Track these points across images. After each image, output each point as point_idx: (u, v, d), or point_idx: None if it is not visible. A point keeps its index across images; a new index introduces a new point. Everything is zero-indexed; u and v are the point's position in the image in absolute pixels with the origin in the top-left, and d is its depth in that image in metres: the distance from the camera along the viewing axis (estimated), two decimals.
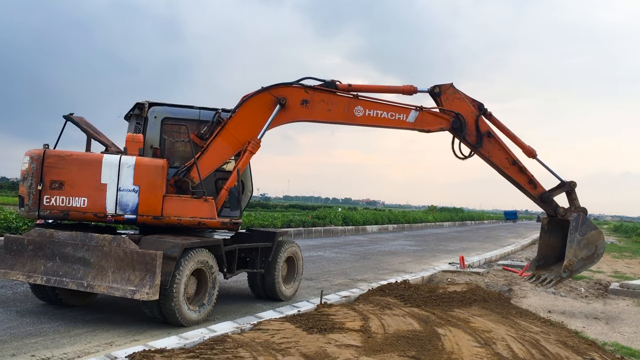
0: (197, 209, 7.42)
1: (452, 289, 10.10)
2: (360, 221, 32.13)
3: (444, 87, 9.18)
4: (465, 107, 9.21)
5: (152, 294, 6.39)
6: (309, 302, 8.40)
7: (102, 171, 7.06)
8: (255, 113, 8.14)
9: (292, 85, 8.40)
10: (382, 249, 20.04)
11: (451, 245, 24.33)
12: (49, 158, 7.01)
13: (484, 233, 38.64)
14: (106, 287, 6.59)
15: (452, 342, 6.41)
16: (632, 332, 8.09)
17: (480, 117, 9.24)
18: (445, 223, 50.53)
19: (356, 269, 13.62)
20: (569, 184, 9.53)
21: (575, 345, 6.84)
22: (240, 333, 6.24)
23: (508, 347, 6.36)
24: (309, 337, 6.19)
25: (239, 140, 8.03)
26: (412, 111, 8.95)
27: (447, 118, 9.10)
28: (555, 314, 9.04)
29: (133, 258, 6.58)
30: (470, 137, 9.19)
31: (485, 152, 9.28)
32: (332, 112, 8.60)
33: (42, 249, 7.03)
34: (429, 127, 9.09)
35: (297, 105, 8.37)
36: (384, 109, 8.88)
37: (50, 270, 6.89)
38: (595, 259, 9.41)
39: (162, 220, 7.27)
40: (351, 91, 8.77)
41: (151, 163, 7.26)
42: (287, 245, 9.33)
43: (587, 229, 9.22)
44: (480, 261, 16.52)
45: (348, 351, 5.73)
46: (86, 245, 6.83)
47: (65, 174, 7.01)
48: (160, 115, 8.01)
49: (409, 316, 7.64)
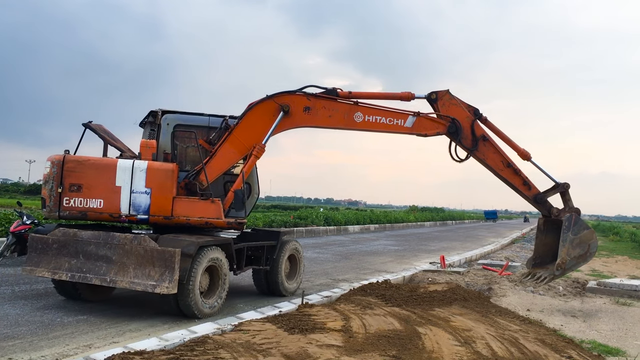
0: (205, 209, 7.85)
1: (432, 289, 10.16)
2: (342, 221, 32.19)
3: (441, 93, 9.53)
4: (461, 112, 9.55)
5: (171, 288, 6.96)
6: (291, 302, 8.39)
7: (117, 175, 7.59)
8: (260, 120, 8.56)
9: (295, 93, 8.83)
10: (363, 249, 20.10)
11: (432, 244, 24.47)
12: (68, 163, 7.57)
13: (464, 233, 38.93)
14: (128, 282, 7.15)
15: (433, 341, 6.45)
16: (609, 330, 8.21)
17: (476, 121, 9.58)
18: (427, 223, 50.83)
19: (338, 269, 13.65)
20: (562, 185, 9.86)
21: (554, 343, 6.92)
22: (221, 334, 6.21)
23: (487, 346, 6.42)
24: (290, 337, 6.18)
25: (245, 145, 8.46)
26: (409, 116, 9.29)
27: (443, 123, 9.45)
28: (534, 312, 9.14)
29: (153, 255, 7.13)
30: (466, 140, 9.51)
31: (481, 155, 9.61)
32: (333, 118, 8.97)
33: (66, 248, 7.53)
34: (426, 131, 9.42)
35: (300, 112, 8.78)
36: (382, 115, 9.24)
37: (75, 267, 7.41)
38: (588, 258, 9.77)
39: (172, 220, 7.73)
40: (351, 98, 9.13)
41: (162, 167, 7.74)
42: (290, 243, 9.88)
43: (580, 228, 9.56)
44: (460, 260, 16.66)
45: (329, 351, 5.74)
46: (108, 243, 7.37)
47: (83, 178, 7.58)
48: (173, 123, 8.57)
49: (390, 316, 7.67)
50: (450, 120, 9.45)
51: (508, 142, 9.95)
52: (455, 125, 9.43)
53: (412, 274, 12.58)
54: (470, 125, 9.54)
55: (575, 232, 9.53)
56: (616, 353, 6.84)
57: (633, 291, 11.06)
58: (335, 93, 9.07)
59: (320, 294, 9.35)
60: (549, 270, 9.83)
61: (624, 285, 11.28)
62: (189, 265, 7.21)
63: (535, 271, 10.21)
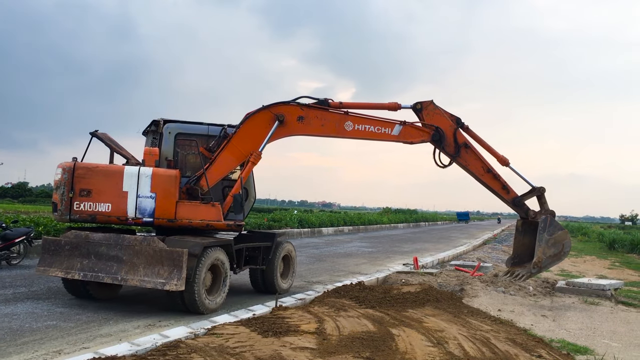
0: (206, 212, 8.34)
1: (406, 290, 10.24)
2: (316, 223, 32.19)
3: (425, 103, 10.28)
4: (444, 121, 10.30)
5: (180, 285, 7.47)
6: (264, 305, 8.36)
7: (124, 180, 8.06)
8: (257, 128, 9.08)
9: (290, 103, 9.40)
10: (337, 251, 20.13)
11: (405, 246, 24.63)
12: (78, 169, 8.06)
13: (437, 234, 39.27)
14: (138, 280, 7.65)
15: (406, 342, 6.50)
16: (578, 329, 8.37)
17: (458, 129, 10.34)
18: (400, 224, 51.12)
19: (312, 271, 13.65)
20: (538, 189, 10.64)
21: (524, 342, 7.03)
22: (194, 338, 6.17)
23: (460, 346, 6.49)
24: (264, 340, 6.17)
25: (243, 152, 8.97)
26: (396, 125, 9.97)
27: (427, 131, 10.19)
28: (505, 312, 9.27)
29: (162, 255, 7.64)
30: (449, 148, 10.27)
31: (463, 161, 10.37)
32: (326, 127, 9.58)
33: (78, 249, 8.01)
34: (412, 139, 10.13)
35: (294, 121, 9.35)
36: (371, 124, 9.87)
37: (87, 267, 7.89)
38: (562, 256, 10.61)
39: (175, 222, 8.18)
40: (342, 108, 9.74)
41: (166, 173, 8.22)
42: (284, 244, 10.48)
43: (555, 229, 10.36)
44: (433, 262, 16.81)
45: (303, 354, 5.74)
46: (119, 244, 7.87)
47: (92, 183, 8.05)
48: (174, 131, 9.10)
49: (363, 317, 7.70)
50: (434, 129, 10.17)
51: (488, 149, 10.69)
52: (439, 133, 10.17)
53: (385, 275, 12.65)
54: (453, 133, 10.26)
55: (550, 232, 10.24)
56: (585, 352, 6.97)
57: (601, 290, 11.28)
58: (327, 103, 9.64)
59: (294, 296, 9.34)
60: (526, 269, 10.60)
61: (592, 285, 11.50)
62: (194, 264, 7.74)
63: (514, 269, 11.02)
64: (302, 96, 9.59)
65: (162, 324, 7.34)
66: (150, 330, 6.92)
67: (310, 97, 9.65)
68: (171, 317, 7.74)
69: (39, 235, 14.13)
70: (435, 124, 10.21)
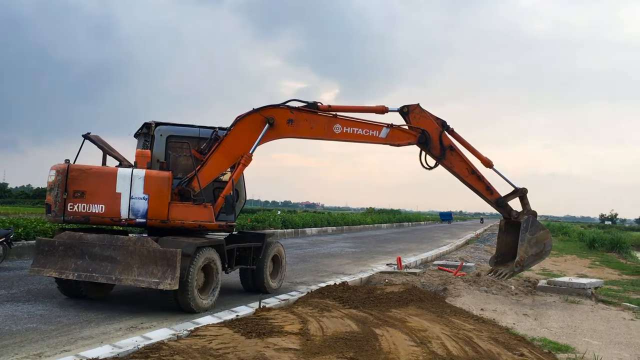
0: (198, 213, 8.48)
1: (389, 290, 10.27)
2: (300, 224, 32.16)
3: (412, 107, 10.49)
4: (430, 124, 10.54)
5: (173, 285, 7.60)
6: (248, 306, 8.34)
7: (117, 182, 8.18)
8: (247, 131, 9.25)
9: (280, 106, 9.56)
10: (321, 252, 20.14)
11: (389, 246, 24.71)
12: (72, 171, 8.18)
13: (420, 234, 39.45)
14: (133, 279, 7.76)
15: (389, 342, 6.51)
16: (559, 328, 8.46)
17: (443, 132, 10.59)
18: (383, 225, 51.26)
19: (295, 271, 13.63)
20: (521, 190, 10.95)
21: (506, 341, 7.08)
22: (177, 340, 6.12)
23: (443, 345, 6.52)
24: (247, 341, 6.15)
25: (234, 154, 9.14)
26: (383, 128, 10.17)
27: (414, 134, 10.43)
28: (488, 311, 9.34)
29: (156, 255, 7.76)
30: (435, 150, 10.52)
31: (448, 163, 10.64)
32: (315, 129, 9.77)
33: (72, 249, 8.08)
34: (399, 141, 10.35)
35: (284, 124, 9.51)
36: (359, 126, 10.08)
37: (81, 267, 7.97)
38: (544, 255, 10.97)
39: (168, 223, 8.32)
40: (330, 111, 9.93)
41: (158, 175, 8.34)
42: (274, 245, 10.63)
43: (537, 229, 10.67)
44: (416, 262, 16.88)
45: (287, 355, 5.73)
46: (113, 245, 7.98)
47: (86, 185, 8.18)
48: (165, 134, 9.25)
49: (347, 318, 7.71)
50: (420, 132, 10.39)
51: (472, 151, 10.98)
52: (425, 136, 10.40)
53: (369, 275, 12.67)
54: (439, 136, 10.51)
55: (532, 232, 10.55)
56: (566, 350, 7.05)
57: (581, 289, 11.41)
58: (316, 106, 9.81)
59: (277, 297, 9.33)
60: (509, 267, 10.98)
61: (572, 283, 11.62)
62: (188, 264, 7.87)
63: (497, 268, 11.37)
64: (291, 99, 9.76)
65: (144, 325, 7.28)
66: (133, 332, 6.86)
67: (300, 100, 9.82)
68: (154, 319, 7.68)
69: (19, 237, 13.95)
70: (422, 127, 10.43)
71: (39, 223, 15.00)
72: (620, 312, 10.02)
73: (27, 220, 15.36)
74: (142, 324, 7.36)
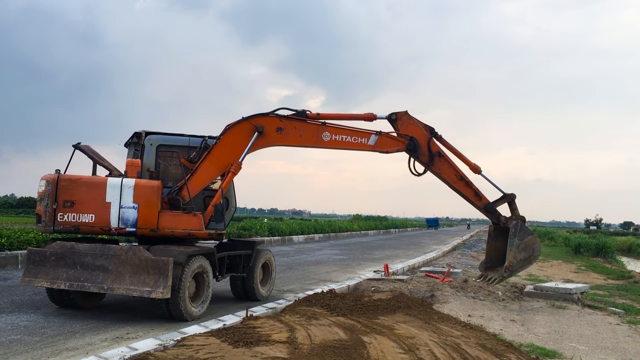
0: (188, 222, 8.52)
1: (377, 297, 10.25)
2: (287, 231, 32.08)
3: (400, 114, 10.51)
4: (419, 131, 10.56)
5: (165, 293, 7.64)
6: (235, 315, 8.28)
7: (107, 191, 8.26)
8: (236, 139, 9.31)
9: (269, 115, 9.63)
10: (308, 259, 20.09)
11: (376, 253, 24.71)
12: (62, 181, 8.23)
13: (407, 240, 39.52)
14: (125, 289, 7.79)
15: (377, 349, 6.50)
16: (546, 333, 8.50)
17: (432, 139, 10.62)
18: (370, 231, 51.31)
19: (283, 279, 13.57)
20: (509, 195, 11.01)
21: (494, 347, 7.10)
22: (163, 350, 6.06)
23: (431, 352, 6.51)
24: (235, 351, 6.10)
25: (223, 163, 9.19)
26: (372, 135, 10.17)
27: (402, 141, 10.45)
28: (475, 317, 9.36)
29: (147, 264, 7.80)
30: (423, 157, 10.55)
31: (437, 169, 10.65)
32: (304, 137, 9.80)
33: (63, 259, 8.10)
34: (388, 148, 10.37)
35: (273, 132, 9.56)
36: (347, 134, 10.11)
37: (72, 277, 7.99)
38: (532, 260, 10.99)
39: (158, 232, 8.40)
40: (319, 119, 9.99)
41: (148, 184, 8.42)
42: (263, 253, 10.70)
43: (525, 234, 10.72)
44: (403, 268, 16.89)
45: None
46: (104, 254, 8.01)
47: (75, 195, 8.23)
48: (155, 143, 9.31)
49: (335, 325, 7.68)
50: (409, 139, 10.43)
51: (460, 157, 11.03)
52: (413, 142, 10.44)
53: (356, 282, 12.65)
54: (427, 142, 10.55)
55: (520, 237, 10.61)
56: (553, 355, 7.08)
57: (568, 294, 11.48)
58: (305, 114, 9.90)
59: (265, 305, 9.28)
60: (498, 272, 11.00)
61: (559, 289, 11.69)
62: (179, 272, 7.92)
63: (486, 273, 11.46)
64: (280, 107, 9.83)
65: (130, 336, 7.20)
66: (118, 342, 6.77)
67: (288, 109, 9.89)
68: (140, 329, 7.60)
69: (2, 247, 13.76)
70: (410, 134, 10.48)
71: (22, 233, 14.80)
72: (607, 317, 10.09)
73: (11, 230, 15.15)
74: (128, 334, 7.27)
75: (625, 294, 13.55)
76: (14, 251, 13.92)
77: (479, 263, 12.50)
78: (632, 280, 17.73)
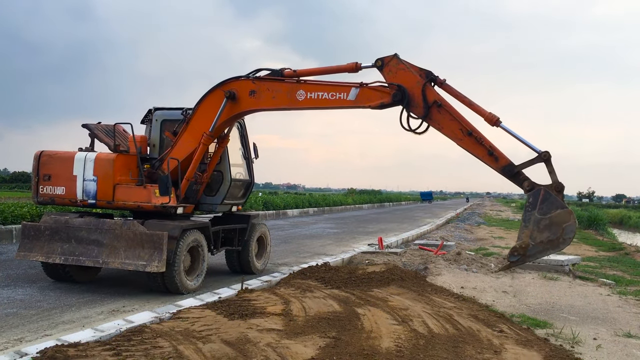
0: (137, 194, 8.46)
1: (371, 270, 10.34)
2: (281, 205, 32.18)
3: (387, 59, 8.54)
4: (411, 77, 8.42)
5: (160, 267, 7.79)
6: (230, 288, 8.34)
7: (74, 165, 8.58)
8: (211, 108, 8.91)
9: (241, 78, 8.93)
10: (303, 233, 20.20)
11: (370, 226, 24.85)
12: (43, 157, 8.75)
13: (401, 214, 39.73)
14: (120, 262, 7.94)
15: (371, 321, 6.58)
16: (537, 304, 8.61)
17: (427, 85, 8.39)
18: (365, 205, 51.53)
19: (277, 253, 13.66)
20: (542, 154, 8.04)
21: (486, 318, 7.19)
22: (159, 322, 6.12)
23: (424, 323, 6.60)
24: (230, 323, 6.16)
25: (201, 133, 8.90)
26: (352, 89, 8.55)
27: (387, 91, 8.46)
28: (468, 289, 9.46)
29: (142, 238, 7.95)
30: (417, 109, 8.39)
31: (435, 123, 8.38)
32: (277, 99, 8.81)
33: (58, 234, 8.32)
34: (370, 103, 8.54)
35: (246, 96, 8.86)
36: (324, 90, 8.70)
37: (67, 251, 8.19)
38: (561, 245, 7.93)
39: (113, 204, 8.52)
40: (296, 76, 8.83)
41: (106, 157, 8.56)
42: (259, 226, 10.86)
43: (551, 207, 7.80)
44: (397, 241, 17.01)
45: (269, 335, 5.76)
46: (99, 228, 8.20)
47: (52, 169, 8.70)
48: (160, 118, 9.67)
49: (329, 298, 7.76)
50: (396, 88, 8.38)
51: (472, 107, 8.54)
52: (401, 92, 8.35)
53: (350, 256, 12.75)
54: (422, 90, 8.34)
55: (543, 211, 7.80)
56: (544, 326, 7.18)
57: (559, 266, 11.61)
58: (281, 73, 8.83)
59: (259, 278, 9.35)
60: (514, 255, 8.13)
61: (550, 260, 11.79)
62: (174, 246, 8.05)
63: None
64: (259, 69, 8.99)
65: (126, 309, 7.26)
66: (114, 315, 6.84)
67: (268, 69, 8.96)
68: (135, 302, 7.66)
69: None
70: (400, 82, 8.38)
71: (17, 207, 14.78)
72: (597, 288, 10.22)
73: (5, 205, 15.12)
74: (124, 307, 7.34)
75: (616, 266, 13.70)
76: (8, 225, 13.92)
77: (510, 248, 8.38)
78: (623, 252, 17.91)
